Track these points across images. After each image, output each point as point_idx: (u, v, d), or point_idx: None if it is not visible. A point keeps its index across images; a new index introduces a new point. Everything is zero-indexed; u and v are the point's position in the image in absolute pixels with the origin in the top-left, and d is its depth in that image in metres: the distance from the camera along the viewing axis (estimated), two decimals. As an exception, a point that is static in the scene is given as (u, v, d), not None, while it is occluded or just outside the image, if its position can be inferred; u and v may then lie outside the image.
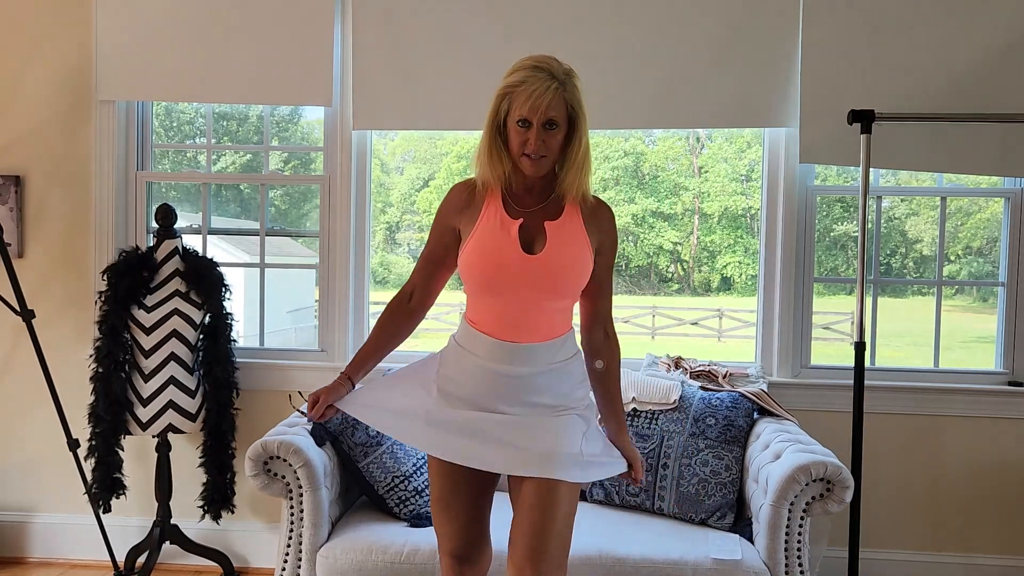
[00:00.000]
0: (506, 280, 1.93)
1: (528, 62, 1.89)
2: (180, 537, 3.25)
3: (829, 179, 3.90)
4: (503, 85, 1.90)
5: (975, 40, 3.04)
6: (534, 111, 1.84)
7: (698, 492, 2.74)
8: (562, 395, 1.99)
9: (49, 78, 3.38)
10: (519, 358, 1.95)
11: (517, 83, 1.86)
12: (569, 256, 1.94)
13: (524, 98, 1.84)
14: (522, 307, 1.94)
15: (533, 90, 1.84)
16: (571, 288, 1.97)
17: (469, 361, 1.99)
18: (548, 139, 1.88)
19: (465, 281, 2.00)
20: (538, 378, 1.96)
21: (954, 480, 3.21)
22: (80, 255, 3.42)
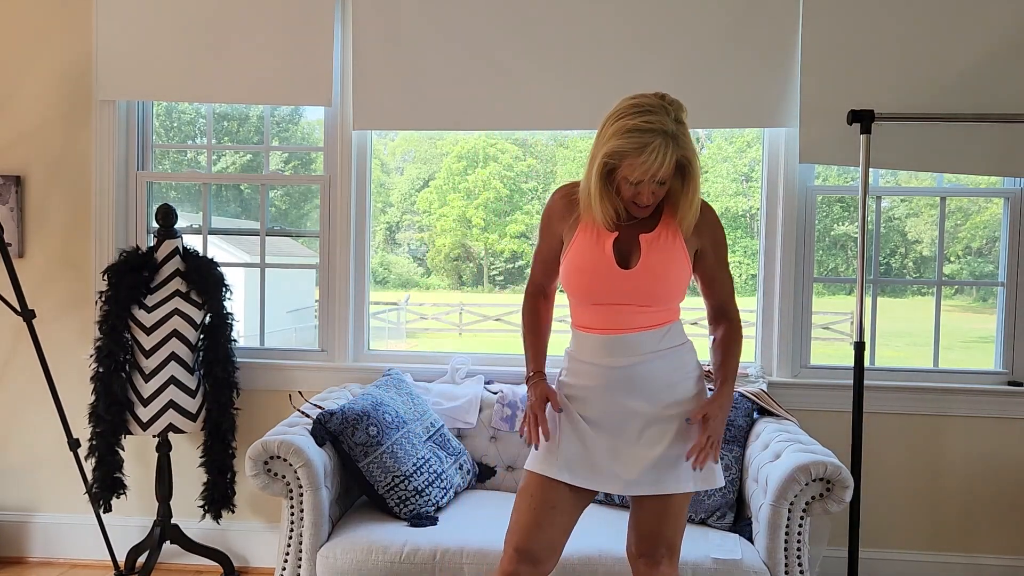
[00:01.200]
0: (602, 293, 2.00)
1: (639, 122, 1.84)
2: (180, 537, 3.25)
3: (829, 179, 3.90)
4: (611, 149, 1.87)
5: (975, 40, 3.05)
6: (645, 175, 1.86)
7: (698, 492, 2.73)
8: (677, 388, 2.04)
9: (49, 78, 3.39)
10: (622, 347, 2.00)
11: (627, 151, 1.84)
12: (663, 269, 1.98)
13: (639, 168, 1.85)
14: (622, 313, 2.01)
15: (650, 162, 1.84)
16: (666, 298, 2.02)
17: (581, 367, 2.06)
18: (658, 191, 1.92)
19: (566, 288, 2.08)
20: (646, 366, 2.01)
21: (954, 480, 3.21)
22: (80, 255, 3.42)
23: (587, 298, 2.03)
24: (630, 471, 2.01)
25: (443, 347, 12.96)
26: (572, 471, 2.01)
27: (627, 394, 2.02)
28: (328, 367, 3.39)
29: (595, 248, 2.00)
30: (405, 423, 2.85)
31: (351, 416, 2.74)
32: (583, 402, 2.05)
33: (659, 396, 2.02)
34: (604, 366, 2.03)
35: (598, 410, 2.03)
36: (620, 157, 1.87)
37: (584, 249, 2.01)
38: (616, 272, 1.98)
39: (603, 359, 2.03)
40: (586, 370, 2.05)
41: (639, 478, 2.01)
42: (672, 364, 2.05)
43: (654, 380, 2.02)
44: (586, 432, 2.03)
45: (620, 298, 2.00)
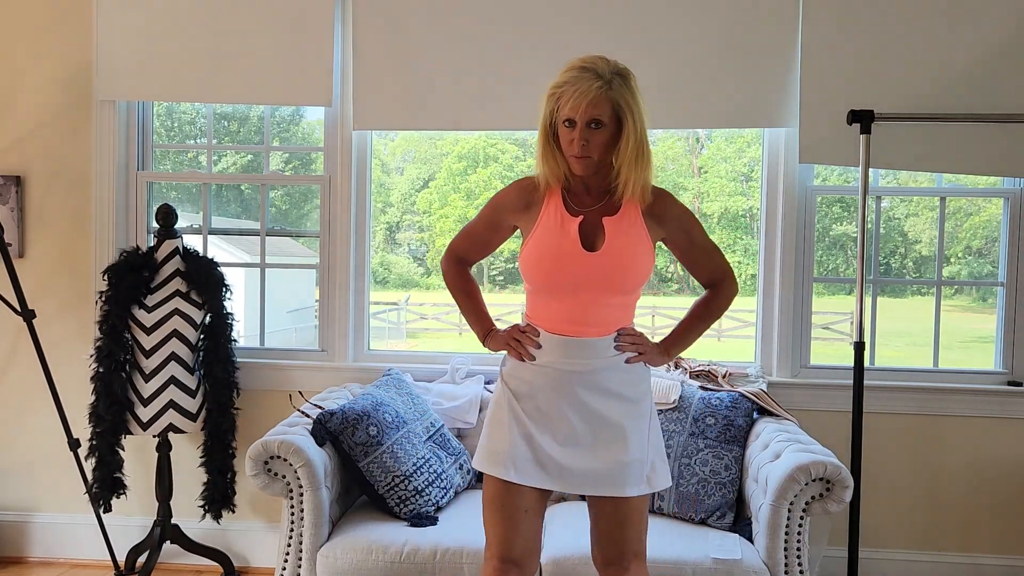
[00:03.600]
0: (567, 278, 1.96)
1: (576, 63, 1.92)
2: (181, 537, 3.25)
3: (829, 179, 3.90)
4: (551, 86, 1.94)
5: (975, 40, 3.05)
6: (575, 110, 1.87)
7: (698, 492, 2.74)
8: (628, 387, 2.03)
9: (49, 78, 3.39)
10: (581, 352, 1.99)
11: (562, 83, 1.90)
12: (629, 253, 1.97)
13: (568, 98, 1.88)
14: (584, 303, 1.98)
15: (576, 90, 1.87)
16: (631, 284, 2.00)
17: (533, 364, 2.03)
18: (592, 138, 1.90)
19: (526, 279, 2.04)
20: (602, 372, 2.00)
21: (954, 480, 3.21)
22: (80, 255, 3.42)
23: (550, 285, 1.99)
24: (583, 472, 1.99)
25: (443, 347, 12.95)
26: (526, 473, 1.98)
27: (580, 397, 2.00)
28: (328, 367, 3.39)
29: (559, 231, 1.98)
30: (405, 423, 2.85)
31: (351, 416, 2.74)
32: (531, 400, 2.02)
33: (612, 400, 2.01)
34: (562, 369, 2.00)
35: (547, 410, 2.01)
36: (558, 92, 1.90)
37: (548, 233, 1.99)
38: (582, 255, 1.96)
39: (561, 362, 2.00)
40: (538, 370, 2.02)
41: (593, 479, 1.99)
42: (625, 368, 2.04)
43: (608, 385, 2.01)
44: (534, 431, 2.00)
45: (585, 284, 1.96)
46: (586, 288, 1.97)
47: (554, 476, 1.99)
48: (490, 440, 2.04)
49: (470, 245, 2.18)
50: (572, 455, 1.99)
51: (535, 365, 2.02)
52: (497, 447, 2.01)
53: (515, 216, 2.06)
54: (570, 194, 2.02)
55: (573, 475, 1.99)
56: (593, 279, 1.96)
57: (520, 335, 2.04)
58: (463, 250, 2.19)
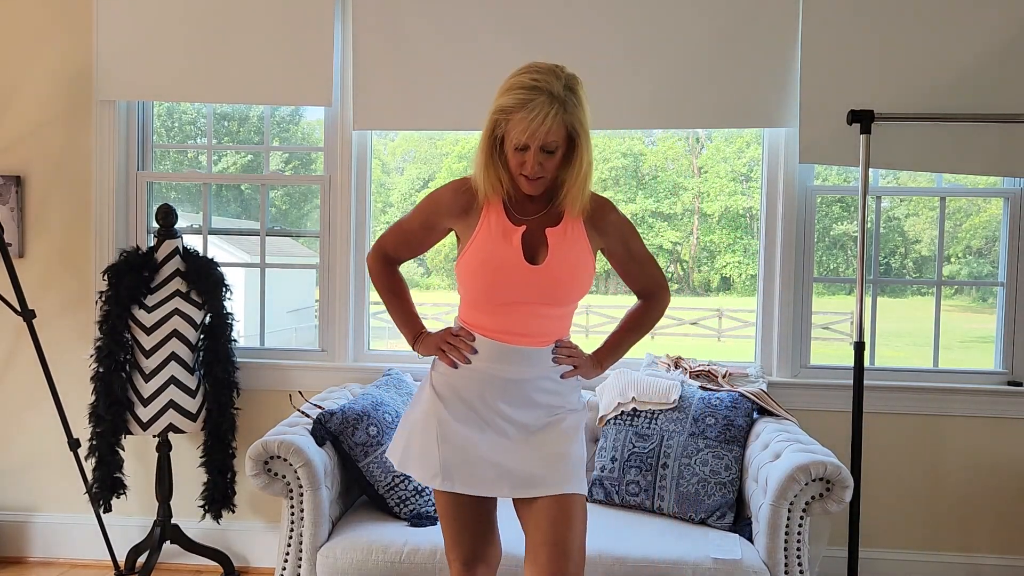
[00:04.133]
0: (507, 291, 1.90)
1: (525, 79, 1.79)
2: (181, 537, 3.25)
3: (829, 179, 3.90)
4: (498, 106, 1.82)
5: (975, 40, 3.05)
6: (532, 138, 1.78)
7: (698, 492, 2.74)
8: (560, 396, 2.00)
9: (49, 78, 3.39)
10: (517, 361, 1.94)
11: (514, 107, 1.78)
12: (570, 264, 1.92)
13: (522, 126, 1.77)
14: (522, 315, 1.92)
15: (532, 118, 1.75)
16: (573, 296, 1.95)
17: (464, 369, 1.97)
18: (545, 162, 1.83)
19: (464, 287, 1.97)
20: (536, 381, 1.96)
21: (954, 480, 3.21)
22: (80, 255, 3.42)
23: (491, 297, 1.92)
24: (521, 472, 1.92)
25: (443, 347, 12.90)
26: (464, 482, 1.93)
27: (514, 403, 1.95)
28: (328, 367, 3.39)
29: (501, 241, 1.89)
30: (405, 423, 2.85)
31: (351, 416, 2.74)
32: (462, 404, 1.96)
33: (546, 408, 1.97)
34: (492, 375, 1.94)
35: (481, 413, 1.95)
36: (506, 115, 1.79)
37: (489, 243, 1.90)
38: (524, 268, 1.88)
39: (493, 367, 1.94)
40: (469, 373, 1.96)
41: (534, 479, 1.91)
42: (557, 380, 1.99)
43: (543, 392, 1.97)
44: (468, 436, 1.94)
45: (525, 297, 1.90)
46: (526, 301, 1.91)
47: (492, 480, 1.92)
48: (419, 447, 1.97)
49: (401, 243, 2.07)
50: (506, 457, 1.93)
51: (467, 369, 1.96)
52: (428, 456, 1.94)
53: (452, 220, 1.98)
54: (512, 201, 1.94)
55: (512, 477, 1.92)
56: (534, 292, 1.90)
57: (453, 339, 1.97)
58: (393, 248, 2.08)
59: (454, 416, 1.96)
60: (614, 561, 2.45)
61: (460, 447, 1.94)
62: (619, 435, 2.90)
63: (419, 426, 1.99)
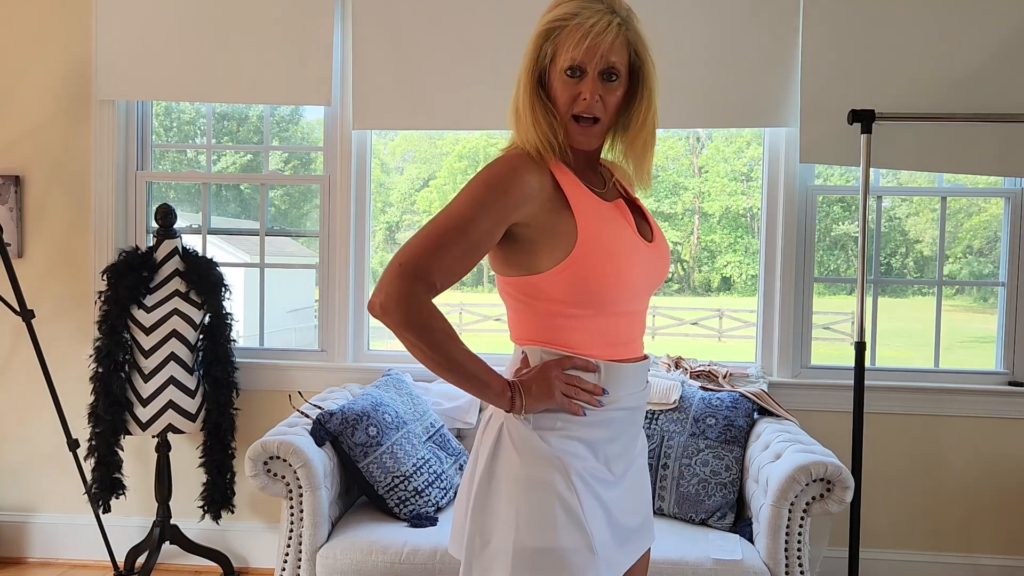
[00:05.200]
0: (639, 281, 1.45)
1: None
2: (180, 537, 3.25)
3: (830, 179, 3.90)
4: (547, 20, 1.41)
5: (975, 40, 3.04)
6: (591, 53, 1.37)
7: (698, 492, 2.73)
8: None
9: (49, 78, 3.38)
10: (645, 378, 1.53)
11: (566, 16, 1.38)
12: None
13: (578, 36, 1.36)
14: (641, 311, 1.51)
15: (591, 25, 1.36)
16: None
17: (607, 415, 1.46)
18: (605, 95, 1.41)
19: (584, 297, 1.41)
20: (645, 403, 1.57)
21: (954, 480, 3.21)
22: (80, 255, 3.41)
23: (628, 295, 1.44)
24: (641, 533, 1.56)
25: (443, 347, 12.89)
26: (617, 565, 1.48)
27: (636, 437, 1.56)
28: (328, 367, 3.39)
29: (616, 224, 1.43)
30: (405, 423, 2.85)
31: (351, 416, 2.73)
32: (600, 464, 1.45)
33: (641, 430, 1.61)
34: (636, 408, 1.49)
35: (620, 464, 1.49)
36: (556, 35, 1.39)
37: (605, 225, 1.42)
38: (646, 247, 1.48)
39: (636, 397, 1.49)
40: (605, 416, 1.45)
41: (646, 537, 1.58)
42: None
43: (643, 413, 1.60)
44: (610, 503, 1.46)
45: (649, 287, 1.50)
46: (649, 290, 1.51)
47: (632, 551, 1.51)
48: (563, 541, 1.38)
49: (459, 261, 1.38)
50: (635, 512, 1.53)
51: (601, 414, 1.44)
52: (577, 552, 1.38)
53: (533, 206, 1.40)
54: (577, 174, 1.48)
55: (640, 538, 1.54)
56: (657, 276, 1.50)
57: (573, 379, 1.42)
58: (445, 272, 1.38)
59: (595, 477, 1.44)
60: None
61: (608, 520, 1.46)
62: (619, 435, 2.89)
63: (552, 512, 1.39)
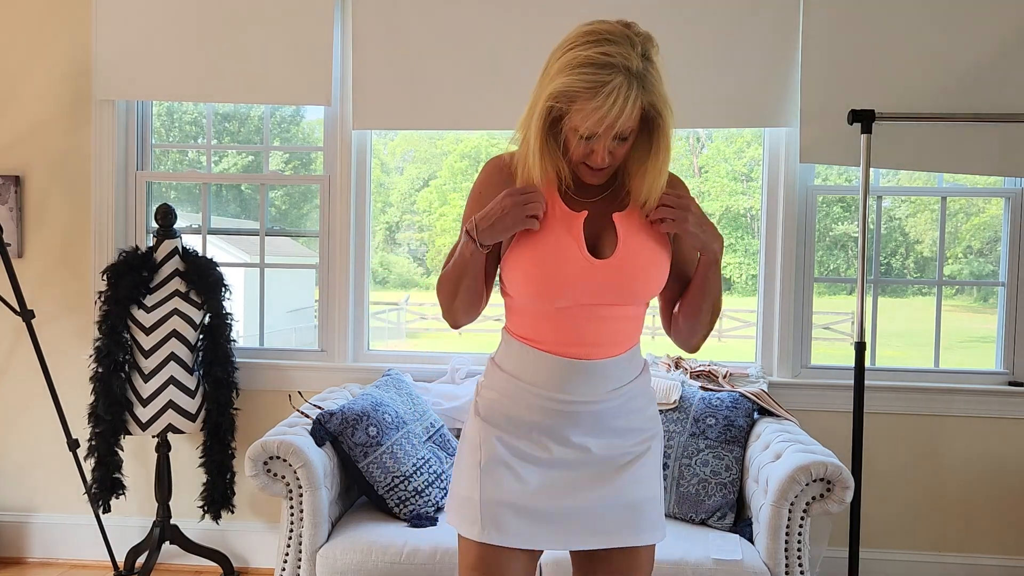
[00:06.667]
0: (567, 289, 1.54)
1: (594, 54, 1.41)
2: (180, 537, 3.25)
3: (830, 179, 3.89)
4: (559, 88, 1.44)
5: (975, 40, 3.04)
6: (607, 129, 1.44)
7: (698, 492, 2.73)
8: (643, 414, 1.67)
9: (49, 78, 3.38)
10: (586, 378, 1.58)
11: (580, 91, 1.41)
12: (645, 256, 1.57)
13: (595, 116, 1.42)
14: (588, 318, 1.57)
15: (608, 107, 1.40)
16: (647, 294, 1.61)
17: (522, 391, 1.60)
18: (616, 150, 1.50)
19: (512, 288, 1.62)
20: (611, 404, 1.61)
21: (954, 480, 3.21)
22: (80, 255, 3.41)
23: (545, 297, 1.55)
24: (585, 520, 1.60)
25: (443, 347, 12.92)
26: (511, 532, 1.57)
27: (586, 432, 1.60)
28: (328, 367, 3.39)
29: (558, 229, 1.54)
30: (405, 423, 2.84)
31: (351, 416, 2.73)
32: (518, 439, 1.60)
33: (620, 432, 1.63)
34: (555, 399, 1.58)
35: (538, 451, 1.60)
36: (568, 100, 1.44)
37: (544, 232, 1.53)
38: (587, 261, 1.53)
39: (554, 391, 1.58)
40: (524, 397, 1.60)
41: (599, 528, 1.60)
42: (637, 394, 1.66)
43: (617, 416, 1.62)
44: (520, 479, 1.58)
45: (590, 297, 1.55)
46: (591, 300, 1.55)
47: (547, 531, 1.58)
48: (460, 488, 1.62)
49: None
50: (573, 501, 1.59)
51: (522, 392, 1.60)
52: (469, 500, 1.58)
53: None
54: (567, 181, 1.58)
55: (572, 525, 1.59)
56: (600, 290, 1.54)
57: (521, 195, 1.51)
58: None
59: (506, 448, 1.60)
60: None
61: (511, 488, 1.58)
62: (619, 435, 2.89)
63: (463, 461, 1.64)
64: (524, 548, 1.59)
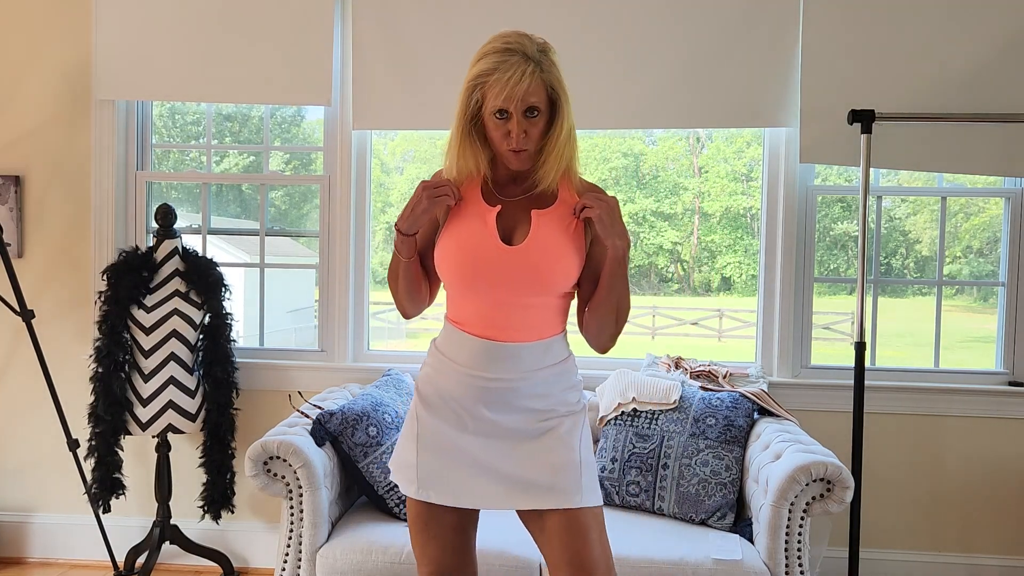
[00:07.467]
0: (481, 274, 1.78)
1: (498, 44, 1.73)
2: (180, 537, 3.25)
3: (830, 179, 3.90)
4: (473, 75, 1.75)
5: (975, 40, 3.04)
6: (511, 100, 1.69)
7: (698, 492, 2.73)
8: (551, 398, 1.84)
9: (49, 78, 3.38)
10: (502, 359, 1.80)
11: (488, 71, 1.71)
12: (551, 247, 1.78)
13: (499, 88, 1.69)
14: (502, 303, 1.79)
15: (508, 77, 1.68)
16: (555, 283, 1.80)
17: (449, 368, 1.84)
18: (529, 129, 1.73)
19: (440, 275, 1.86)
20: (523, 384, 1.81)
21: (954, 480, 3.21)
22: (80, 255, 3.41)
23: (465, 281, 1.79)
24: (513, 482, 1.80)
25: (443, 347, 12.87)
26: (444, 492, 1.82)
27: (497, 409, 1.81)
28: (328, 367, 3.39)
29: (475, 221, 1.79)
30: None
31: (351, 416, 2.73)
32: (447, 410, 1.84)
33: (535, 412, 1.82)
34: (476, 376, 1.81)
35: (463, 421, 1.83)
36: (483, 79, 1.72)
37: (463, 224, 1.80)
38: (498, 247, 1.77)
39: (476, 369, 1.80)
40: (453, 374, 1.83)
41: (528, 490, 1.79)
42: (552, 379, 1.84)
43: (531, 396, 1.82)
44: (450, 445, 1.82)
45: (501, 279, 1.76)
46: (503, 284, 1.77)
47: (480, 490, 1.81)
48: (402, 452, 1.88)
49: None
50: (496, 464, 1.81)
51: (451, 370, 1.83)
52: (407, 462, 1.85)
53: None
54: (494, 183, 1.85)
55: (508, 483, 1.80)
56: (510, 275, 1.76)
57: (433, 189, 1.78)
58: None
59: (437, 417, 1.85)
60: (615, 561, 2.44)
61: (442, 452, 1.83)
62: (619, 435, 2.89)
63: (405, 429, 1.90)
64: (452, 506, 1.83)
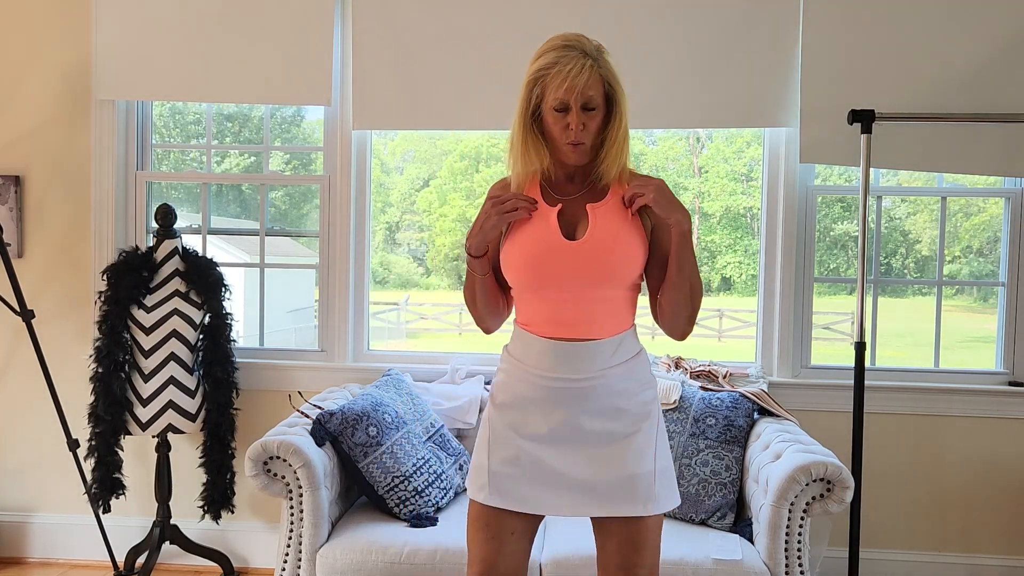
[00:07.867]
0: (548, 271, 1.80)
1: (557, 41, 1.78)
2: (180, 537, 3.25)
3: (830, 179, 3.90)
4: (533, 70, 1.79)
5: (975, 40, 3.04)
6: (572, 91, 1.73)
7: (698, 492, 2.73)
8: (630, 398, 1.84)
9: (49, 78, 3.38)
10: (573, 358, 1.81)
11: (549, 65, 1.75)
12: (617, 236, 1.81)
13: (559, 80, 1.73)
14: (571, 300, 1.81)
15: (568, 70, 1.72)
16: (621, 274, 1.82)
17: (521, 371, 1.86)
18: (588, 122, 1.77)
19: (509, 279, 1.88)
20: (599, 383, 1.82)
21: (954, 480, 3.21)
22: (80, 255, 3.41)
23: (531, 281, 1.82)
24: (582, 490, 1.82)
25: (443, 347, 12.93)
26: (513, 498, 1.83)
27: (573, 410, 1.82)
28: (328, 367, 3.39)
29: (537, 221, 1.83)
30: (405, 423, 2.85)
31: (351, 416, 2.73)
32: (520, 415, 1.85)
33: (610, 412, 1.83)
34: (549, 377, 1.82)
35: (537, 426, 1.84)
36: (543, 74, 1.76)
37: (526, 226, 1.83)
38: (562, 243, 1.80)
39: (548, 370, 1.82)
40: (526, 378, 1.85)
41: (595, 498, 1.81)
42: (627, 376, 1.85)
43: (605, 396, 1.82)
44: (522, 451, 1.84)
45: (568, 274, 1.79)
46: (570, 279, 1.80)
47: (543, 498, 1.83)
48: (476, 457, 1.91)
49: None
50: (568, 471, 1.82)
51: (523, 373, 1.85)
52: (478, 466, 1.88)
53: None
54: (551, 185, 1.88)
55: (570, 495, 1.82)
56: (577, 269, 1.79)
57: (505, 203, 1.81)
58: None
59: (509, 422, 1.86)
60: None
61: (512, 457, 1.84)
62: (619, 435, 2.89)
63: (480, 435, 1.91)
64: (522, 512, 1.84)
